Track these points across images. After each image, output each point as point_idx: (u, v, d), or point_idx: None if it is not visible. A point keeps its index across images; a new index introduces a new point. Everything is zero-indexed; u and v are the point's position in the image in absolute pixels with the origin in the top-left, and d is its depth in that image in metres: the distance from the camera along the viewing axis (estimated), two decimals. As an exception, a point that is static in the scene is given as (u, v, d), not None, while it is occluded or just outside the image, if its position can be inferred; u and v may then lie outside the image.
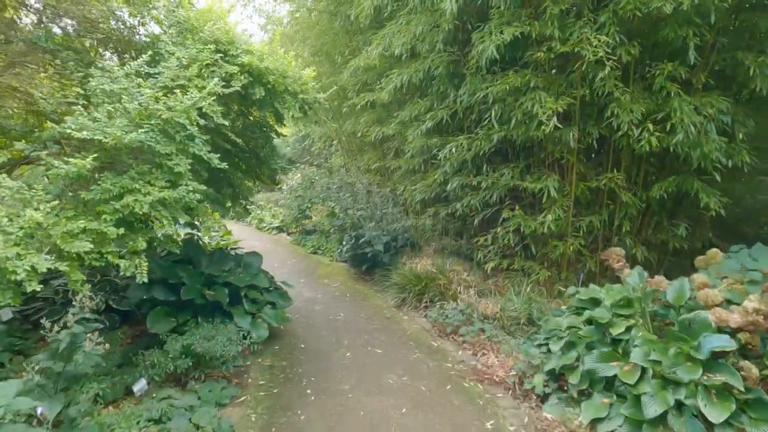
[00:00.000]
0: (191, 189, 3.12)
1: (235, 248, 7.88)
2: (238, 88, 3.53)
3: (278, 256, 9.69)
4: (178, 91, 3.21)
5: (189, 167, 3.19)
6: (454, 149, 5.65)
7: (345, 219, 7.77)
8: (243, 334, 4.26)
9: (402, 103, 7.12)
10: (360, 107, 7.73)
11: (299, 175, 13.40)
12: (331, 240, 9.18)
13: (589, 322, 3.95)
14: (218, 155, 3.38)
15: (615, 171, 5.22)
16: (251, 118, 5.01)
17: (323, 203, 9.32)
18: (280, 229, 12.81)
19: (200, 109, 3.29)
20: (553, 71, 5.38)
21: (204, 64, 3.52)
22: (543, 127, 4.65)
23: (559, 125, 4.68)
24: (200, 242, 6.78)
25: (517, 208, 5.72)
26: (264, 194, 16.65)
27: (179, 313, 4.21)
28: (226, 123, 3.43)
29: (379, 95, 6.54)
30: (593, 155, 5.79)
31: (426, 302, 6.06)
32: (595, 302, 4.15)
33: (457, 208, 6.12)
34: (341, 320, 5.74)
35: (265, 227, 13.35)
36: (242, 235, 12.36)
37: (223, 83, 3.52)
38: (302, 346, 4.89)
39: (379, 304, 6.41)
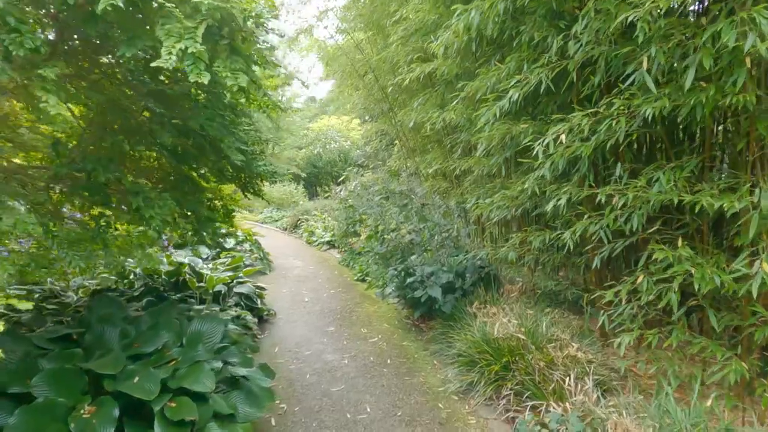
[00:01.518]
0: None
1: (242, 281, 6.00)
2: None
3: (315, 284, 7.70)
4: None
5: None
6: (563, 137, 3.16)
7: (390, 243, 5.51)
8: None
9: (471, 73, 4.74)
10: (412, 84, 5.47)
11: (357, 181, 11.50)
12: (379, 266, 6.98)
13: None
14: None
15: None
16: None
17: (374, 219, 7.17)
18: (331, 245, 10.89)
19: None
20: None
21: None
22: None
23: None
24: (189, 278, 4.92)
25: (680, 242, 3.12)
26: (322, 201, 15.06)
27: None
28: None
29: (437, 55, 4.24)
30: None
31: (508, 394, 3.64)
32: None
33: (564, 238, 3.62)
34: (362, 424, 3.48)
35: (315, 242, 11.52)
36: (287, 252, 10.65)
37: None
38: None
39: (433, 385, 4.09)
